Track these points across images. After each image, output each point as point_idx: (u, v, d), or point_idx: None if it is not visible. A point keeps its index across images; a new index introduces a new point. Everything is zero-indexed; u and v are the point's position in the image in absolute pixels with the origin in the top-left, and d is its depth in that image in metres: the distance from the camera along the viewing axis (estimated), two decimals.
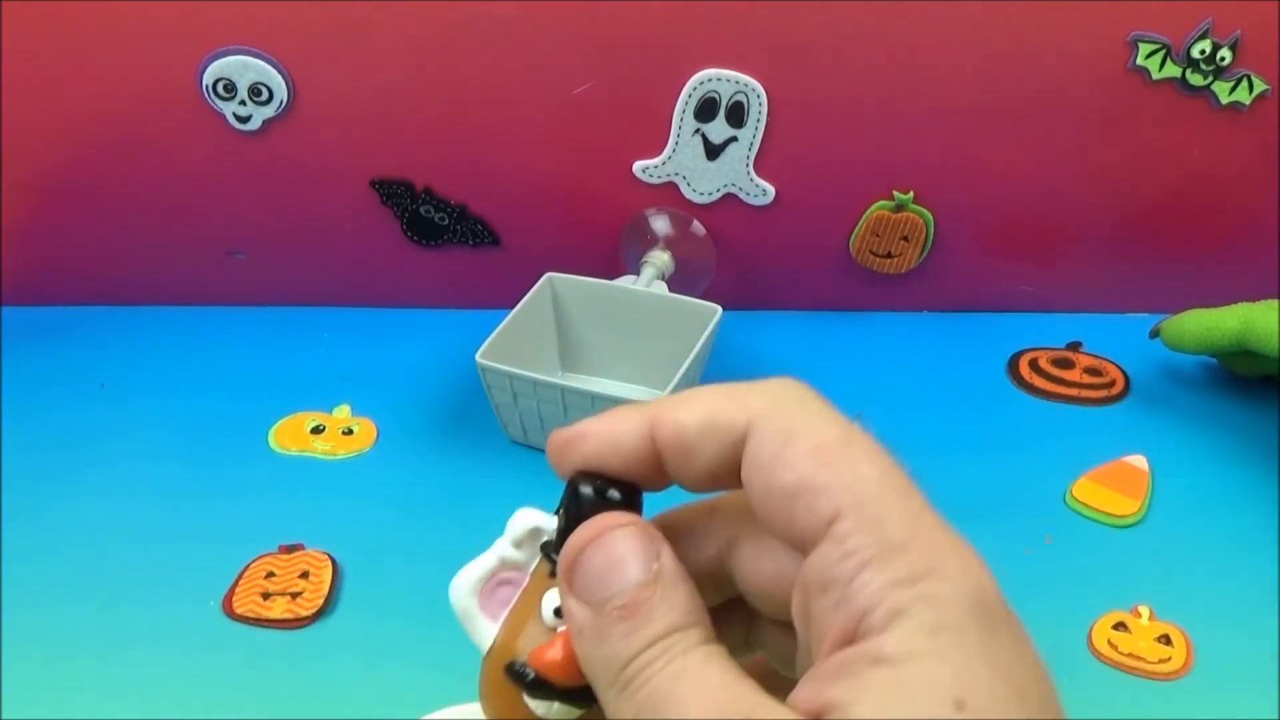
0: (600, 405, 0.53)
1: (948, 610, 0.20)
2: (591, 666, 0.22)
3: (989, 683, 0.19)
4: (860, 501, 0.20)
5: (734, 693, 0.20)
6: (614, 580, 0.22)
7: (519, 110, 0.64)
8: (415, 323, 0.71)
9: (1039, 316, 0.71)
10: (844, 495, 0.21)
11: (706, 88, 0.62)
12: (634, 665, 0.21)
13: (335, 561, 0.51)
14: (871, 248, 0.68)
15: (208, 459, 0.59)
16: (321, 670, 0.46)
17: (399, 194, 0.67)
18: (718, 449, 0.22)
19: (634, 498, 0.24)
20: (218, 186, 0.67)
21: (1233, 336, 0.59)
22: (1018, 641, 0.20)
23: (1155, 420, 0.62)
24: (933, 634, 0.19)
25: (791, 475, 0.21)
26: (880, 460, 0.21)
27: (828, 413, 0.22)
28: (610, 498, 0.24)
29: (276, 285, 0.72)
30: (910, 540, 0.20)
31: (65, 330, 0.71)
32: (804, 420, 0.22)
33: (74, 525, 0.54)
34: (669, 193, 0.66)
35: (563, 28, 0.61)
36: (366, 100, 0.63)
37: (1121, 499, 0.55)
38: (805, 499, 0.21)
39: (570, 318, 0.63)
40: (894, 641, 0.19)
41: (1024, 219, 0.67)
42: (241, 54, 0.62)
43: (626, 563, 0.22)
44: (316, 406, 0.63)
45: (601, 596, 0.22)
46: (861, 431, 0.22)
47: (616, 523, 0.23)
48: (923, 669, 0.19)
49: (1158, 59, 0.61)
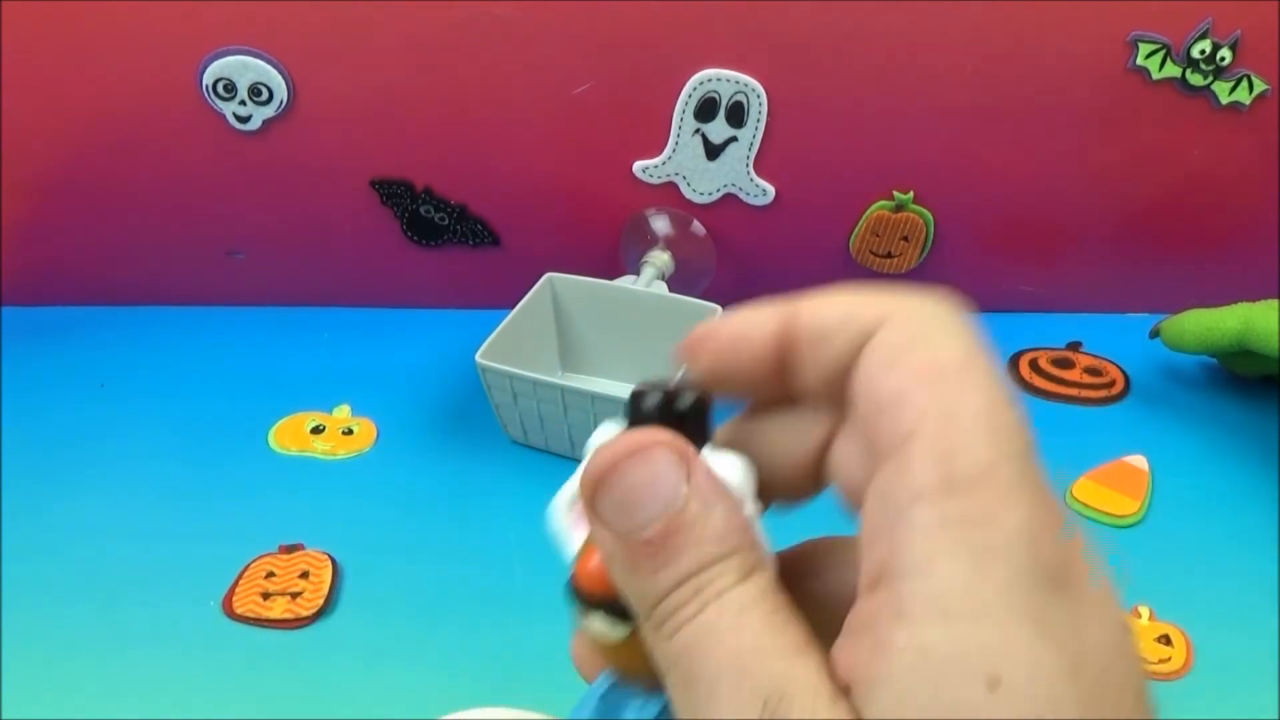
0: (600, 405, 0.53)
1: (996, 564, 0.17)
2: (628, 595, 0.20)
3: (1032, 652, 0.16)
4: (946, 428, 0.18)
5: (767, 659, 0.18)
6: (639, 509, 0.19)
7: (519, 110, 0.64)
8: (415, 323, 0.71)
9: (1039, 316, 0.71)
10: (931, 417, 0.18)
11: (706, 88, 0.62)
12: (665, 606, 0.19)
13: (335, 561, 0.51)
14: (872, 248, 0.68)
15: (208, 459, 0.59)
16: (321, 670, 0.46)
17: (399, 194, 0.67)
18: (849, 344, 0.20)
19: (702, 411, 0.22)
20: (218, 186, 0.67)
21: (1233, 336, 0.59)
22: (1085, 609, 0.17)
23: (1155, 420, 0.62)
24: (969, 591, 0.17)
25: (892, 384, 0.19)
26: (992, 393, 0.18)
27: (960, 331, 0.19)
28: (678, 408, 0.21)
29: (276, 285, 0.72)
30: (982, 480, 0.17)
31: (65, 330, 0.71)
32: (931, 332, 0.19)
33: (74, 525, 0.54)
34: (669, 193, 0.66)
35: (563, 28, 0.61)
36: (367, 100, 0.63)
37: (1121, 499, 0.55)
38: (893, 412, 0.18)
39: (570, 318, 0.63)
40: (924, 593, 0.17)
41: (1024, 219, 0.67)
42: (241, 54, 0.62)
43: (653, 489, 0.19)
44: (316, 406, 0.63)
45: (626, 527, 0.19)
46: (988, 359, 0.19)
47: (644, 442, 0.20)
48: (953, 636, 0.16)
49: (1158, 59, 0.61)
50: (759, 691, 0.17)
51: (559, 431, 0.56)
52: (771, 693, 0.17)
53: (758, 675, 0.18)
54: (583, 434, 0.55)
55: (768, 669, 0.18)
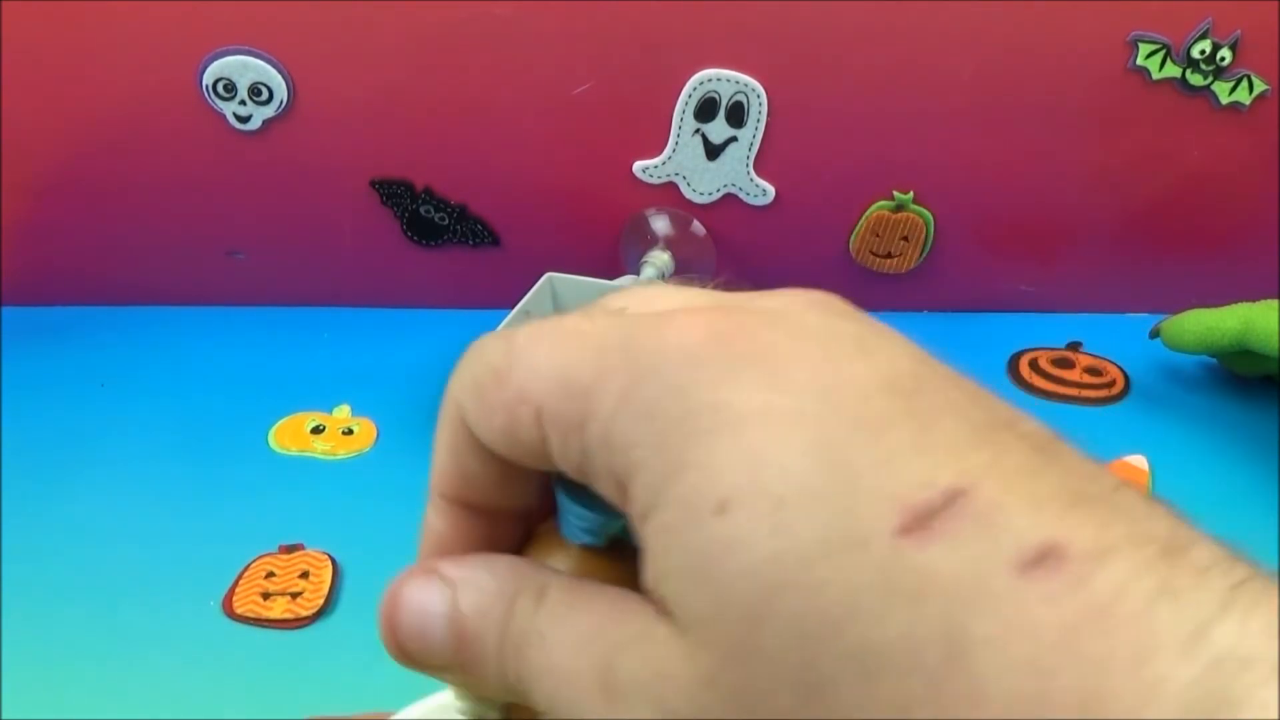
0: None
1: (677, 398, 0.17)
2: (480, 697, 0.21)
3: (742, 446, 0.16)
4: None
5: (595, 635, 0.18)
6: (427, 652, 0.20)
7: (519, 110, 0.64)
8: (415, 323, 0.71)
9: (1039, 316, 0.71)
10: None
11: (706, 88, 0.62)
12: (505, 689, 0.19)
13: (335, 561, 0.51)
14: (872, 248, 0.68)
15: (208, 459, 0.59)
16: (321, 670, 0.46)
17: (399, 194, 0.67)
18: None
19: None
20: (218, 186, 0.67)
21: (1233, 336, 0.59)
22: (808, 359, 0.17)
23: (1155, 420, 0.62)
24: (659, 448, 0.16)
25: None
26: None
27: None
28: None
29: (276, 285, 0.72)
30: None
31: (65, 330, 0.71)
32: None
33: (74, 525, 0.54)
34: (669, 193, 0.66)
35: (563, 28, 0.61)
36: (367, 100, 0.63)
37: None
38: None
39: None
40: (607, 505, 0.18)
41: (1024, 219, 0.67)
42: (241, 54, 0.62)
43: (425, 629, 0.20)
44: (316, 406, 0.63)
45: (435, 666, 0.20)
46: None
47: (391, 595, 0.21)
48: (661, 497, 0.16)
49: (1158, 59, 0.61)
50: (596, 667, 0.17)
51: None
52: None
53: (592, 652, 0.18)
54: None
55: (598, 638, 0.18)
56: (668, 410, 0.16)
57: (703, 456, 0.16)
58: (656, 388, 0.17)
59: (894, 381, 0.17)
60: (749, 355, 0.17)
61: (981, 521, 0.15)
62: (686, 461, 0.16)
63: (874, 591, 0.15)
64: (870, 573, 0.15)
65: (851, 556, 0.15)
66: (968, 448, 0.16)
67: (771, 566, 0.15)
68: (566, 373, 0.18)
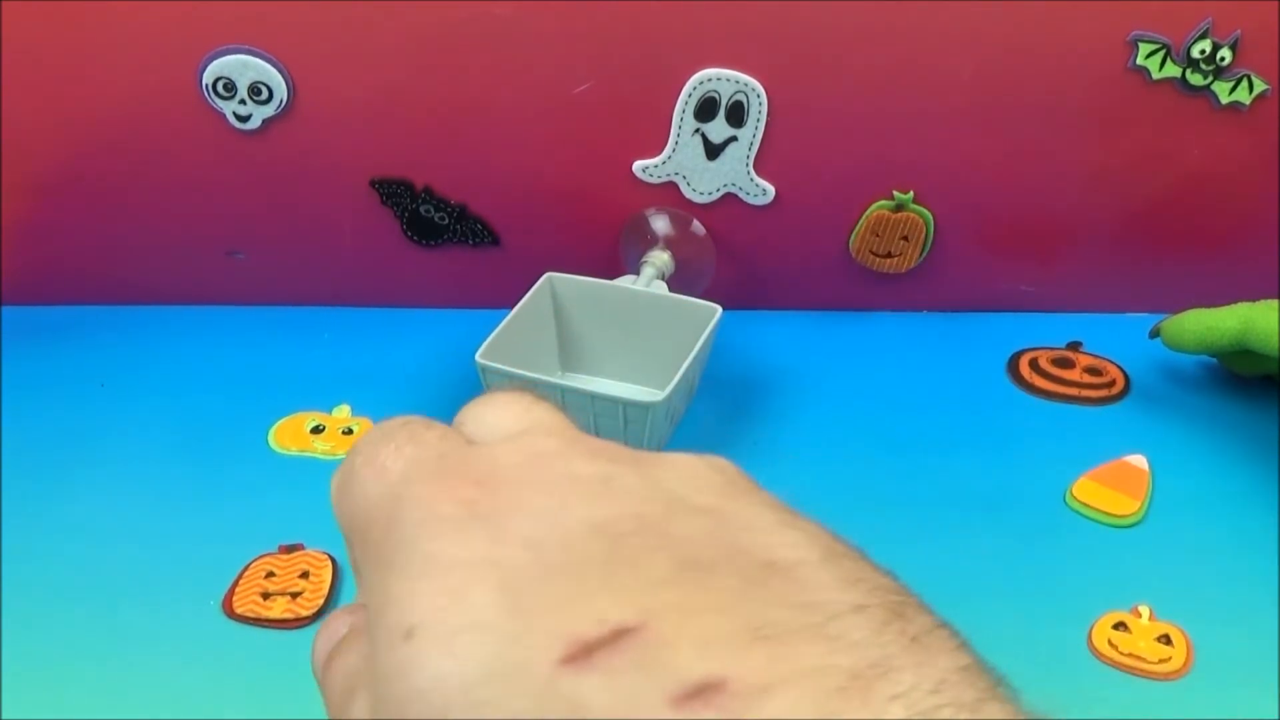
0: (600, 405, 0.53)
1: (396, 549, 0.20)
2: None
3: (434, 589, 0.19)
4: None
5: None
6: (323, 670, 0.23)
7: (519, 110, 0.64)
8: (415, 322, 0.71)
9: (1039, 316, 0.71)
10: None
11: (706, 87, 0.62)
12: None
13: (335, 561, 0.51)
14: (871, 247, 0.68)
15: (208, 459, 0.59)
16: None
17: (399, 193, 0.67)
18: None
19: None
20: (217, 186, 0.67)
21: (1233, 336, 0.59)
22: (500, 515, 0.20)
23: (1155, 420, 0.62)
24: (377, 586, 0.20)
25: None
26: None
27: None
28: None
29: (276, 285, 0.72)
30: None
31: (65, 330, 0.71)
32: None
33: (74, 525, 0.54)
34: (669, 192, 0.66)
35: (563, 27, 0.61)
36: (366, 100, 0.63)
37: (1121, 499, 0.55)
38: None
39: (570, 317, 0.63)
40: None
41: (1024, 219, 0.67)
42: (241, 53, 0.62)
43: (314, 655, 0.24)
44: (316, 406, 0.63)
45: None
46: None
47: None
48: (373, 624, 0.20)
49: (1158, 59, 0.61)
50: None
51: None
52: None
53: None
54: None
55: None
56: (393, 560, 0.19)
57: (406, 595, 0.18)
58: (394, 541, 0.20)
59: (610, 525, 0.19)
60: (484, 514, 0.20)
61: (645, 657, 0.17)
62: (393, 598, 0.19)
63: (528, 715, 0.16)
64: (527, 699, 0.17)
65: (512, 683, 0.17)
66: (659, 588, 0.18)
67: (440, 686, 0.17)
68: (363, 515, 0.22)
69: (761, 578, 0.18)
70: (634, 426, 0.53)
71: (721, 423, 0.61)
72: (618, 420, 0.53)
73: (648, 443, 0.54)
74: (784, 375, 0.66)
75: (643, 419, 0.53)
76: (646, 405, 0.52)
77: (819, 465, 0.59)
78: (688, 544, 0.19)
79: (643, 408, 0.52)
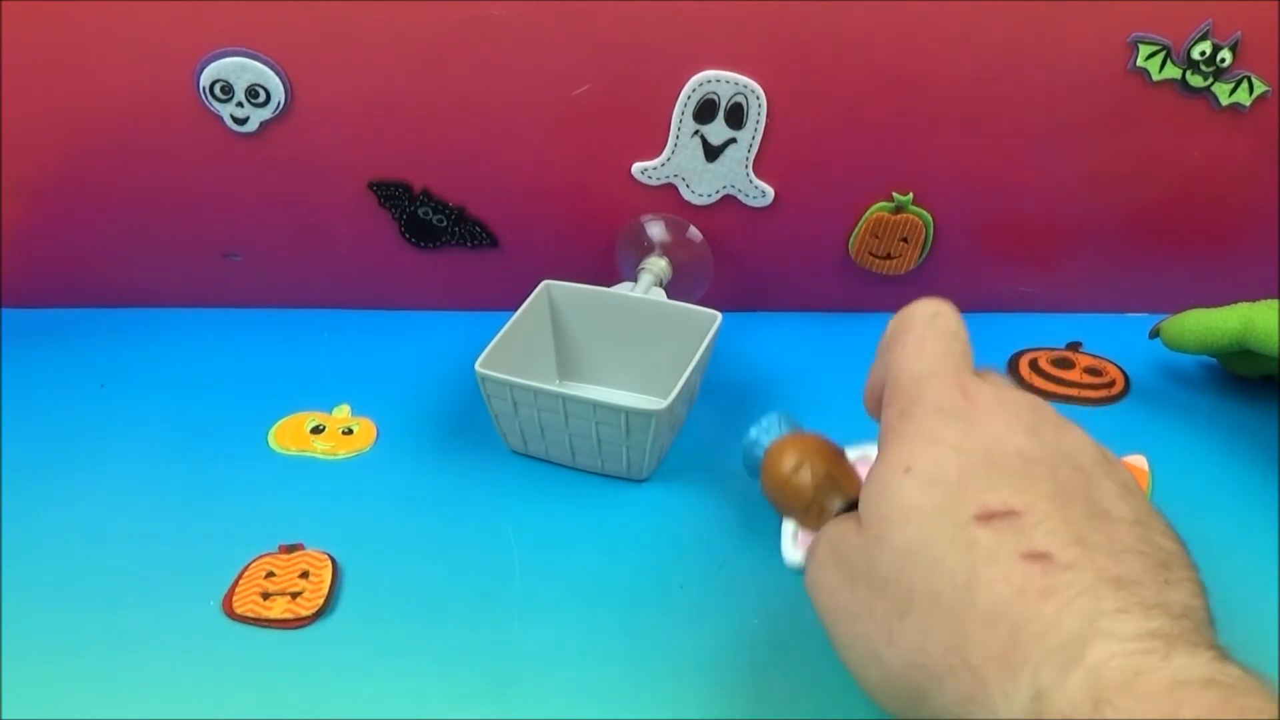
0: (602, 414, 0.53)
1: (914, 417, 0.34)
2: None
3: (927, 451, 0.33)
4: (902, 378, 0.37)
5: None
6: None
7: (518, 112, 0.64)
8: (414, 324, 0.71)
9: (1039, 316, 0.71)
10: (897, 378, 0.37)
11: (706, 89, 0.62)
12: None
13: (335, 561, 0.51)
14: (871, 249, 0.68)
15: (208, 459, 0.59)
16: (321, 670, 0.46)
17: (397, 196, 0.67)
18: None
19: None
20: (215, 189, 0.67)
21: (1233, 336, 0.59)
22: (976, 420, 0.34)
23: (1155, 420, 0.62)
24: (898, 433, 0.34)
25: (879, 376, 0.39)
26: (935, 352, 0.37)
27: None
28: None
29: (275, 287, 0.72)
30: (914, 389, 0.36)
31: (65, 332, 0.71)
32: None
33: (74, 525, 0.54)
34: (668, 194, 0.66)
35: (561, 29, 0.61)
36: (364, 102, 0.63)
37: None
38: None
39: (567, 325, 0.62)
40: (879, 446, 0.35)
41: (1024, 219, 0.67)
42: (239, 55, 0.62)
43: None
44: (316, 406, 0.63)
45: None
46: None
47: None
48: (886, 454, 0.34)
49: (1158, 60, 0.61)
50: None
51: (559, 440, 0.56)
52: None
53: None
54: (583, 442, 0.55)
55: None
56: (909, 420, 0.35)
57: (911, 445, 0.34)
58: (914, 410, 0.35)
59: (1027, 453, 0.33)
60: (965, 417, 0.34)
61: (1018, 527, 0.30)
62: (905, 442, 0.34)
63: (946, 538, 0.31)
64: (950, 530, 0.31)
65: (946, 520, 0.31)
66: (1041, 498, 0.31)
67: (915, 505, 0.32)
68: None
69: (1096, 514, 0.31)
70: (636, 435, 0.53)
71: (722, 426, 0.61)
72: (620, 429, 0.53)
73: (650, 451, 0.54)
74: (784, 377, 0.66)
75: (645, 427, 0.53)
76: (649, 414, 0.52)
77: None
78: (1064, 481, 0.32)
79: (646, 416, 0.52)
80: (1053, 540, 0.29)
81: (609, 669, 0.46)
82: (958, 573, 0.30)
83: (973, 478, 0.31)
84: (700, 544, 0.52)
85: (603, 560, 0.52)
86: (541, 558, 0.52)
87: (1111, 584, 0.28)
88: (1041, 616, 0.28)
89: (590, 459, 0.56)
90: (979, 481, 0.31)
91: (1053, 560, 0.29)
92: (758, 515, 0.54)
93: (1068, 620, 0.28)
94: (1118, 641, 0.27)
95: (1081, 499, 0.31)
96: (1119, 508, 0.32)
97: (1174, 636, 0.27)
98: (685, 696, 0.44)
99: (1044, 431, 0.34)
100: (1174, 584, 0.29)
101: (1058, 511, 0.30)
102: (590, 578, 0.51)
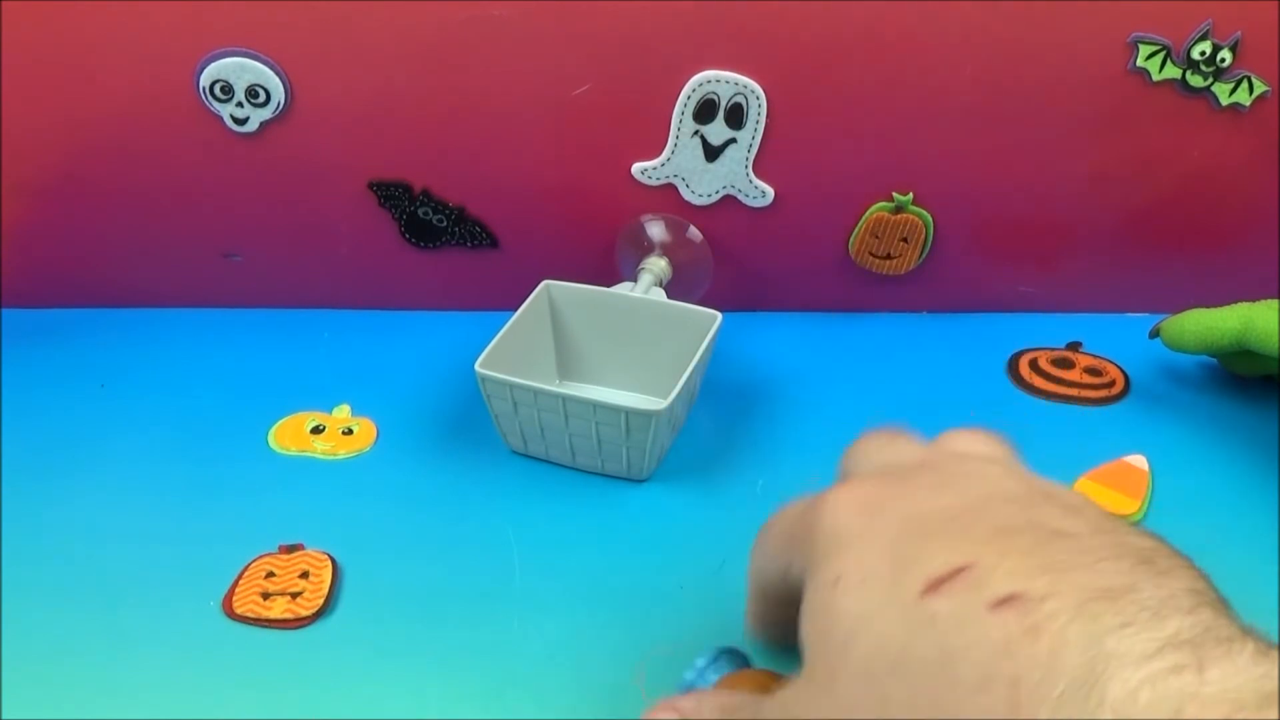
0: (603, 414, 0.53)
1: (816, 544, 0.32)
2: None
3: (846, 555, 0.30)
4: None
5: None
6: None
7: (518, 112, 0.64)
8: (414, 324, 0.71)
9: (1039, 316, 0.71)
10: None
11: (706, 89, 0.62)
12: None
13: (335, 561, 0.51)
14: (871, 249, 0.68)
15: (208, 459, 0.59)
16: (321, 670, 0.46)
17: (397, 196, 0.67)
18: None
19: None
20: (215, 189, 0.67)
21: (1233, 336, 0.59)
22: (878, 509, 0.31)
23: (1155, 420, 0.62)
24: (812, 570, 0.31)
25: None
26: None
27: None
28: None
29: (275, 288, 0.72)
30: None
31: (65, 332, 0.71)
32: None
33: (74, 525, 0.54)
34: (668, 195, 0.66)
35: (561, 29, 0.61)
36: (364, 102, 0.63)
37: (1121, 499, 0.55)
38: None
39: (567, 326, 0.62)
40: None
41: (1024, 219, 0.67)
42: (239, 56, 0.62)
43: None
44: (316, 406, 0.63)
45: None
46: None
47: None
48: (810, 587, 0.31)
49: (1158, 60, 0.61)
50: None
51: (559, 440, 0.56)
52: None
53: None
54: (583, 443, 0.55)
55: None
56: (814, 548, 0.32)
57: (826, 564, 0.30)
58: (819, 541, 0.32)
59: (953, 509, 0.30)
60: (875, 507, 0.31)
61: (970, 582, 0.26)
62: (821, 562, 0.31)
63: (900, 629, 0.27)
64: (900, 617, 0.27)
65: (893, 607, 0.27)
66: (982, 543, 0.28)
67: (851, 614, 0.28)
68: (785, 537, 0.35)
69: (1050, 538, 0.27)
70: (637, 435, 0.53)
71: (722, 426, 0.61)
72: (620, 429, 0.53)
73: (650, 451, 0.54)
74: (783, 377, 0.66)
75: (646, 427, 0.53)
76: (649, 414, 0.52)
77: (821, 466, 0.59)
78: (1001, 520, 0.29)
79: (646, 416, 0.52)
80: (1015, 579, 0.26)
81: (609, 669, 0.46)
82: (928, 657, 0.25)
83: (903, 553, 0.28)
84: (700, 544, 0.52)
85: (603, 560, 0.52)
86: (541, 558, 0.52)
87: (1101, 598, 0.25)
88: (1036, 661, 0.24)
89: (590, 459, 0.56)
90: (911, 554, 0.28)
91: (1024, 597, 0.25)
92: (758, 516, 0.54)
93: (1068, 655, 0.23)
94: (1135, 665, 0.23)
95: (1026, 530, 0.28)
96: (1071, 524, 0.28)
97: (1198, 637, 0.23)
98: None
99: (954, 483, 0.31)
100: (1168, 572, 0.26)
101: (1008, 548, 0.27)
102: (590, 578, 0.51)
